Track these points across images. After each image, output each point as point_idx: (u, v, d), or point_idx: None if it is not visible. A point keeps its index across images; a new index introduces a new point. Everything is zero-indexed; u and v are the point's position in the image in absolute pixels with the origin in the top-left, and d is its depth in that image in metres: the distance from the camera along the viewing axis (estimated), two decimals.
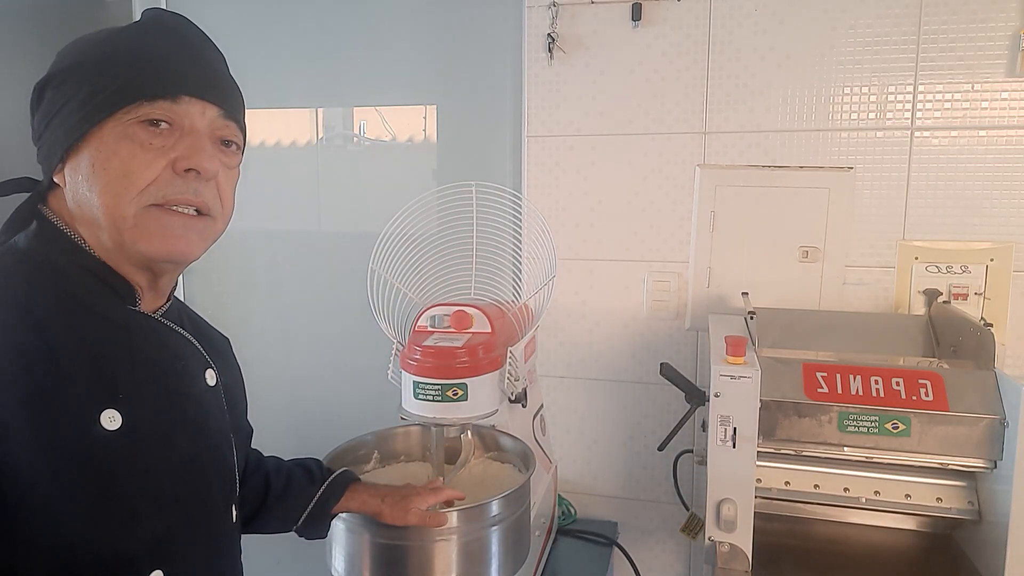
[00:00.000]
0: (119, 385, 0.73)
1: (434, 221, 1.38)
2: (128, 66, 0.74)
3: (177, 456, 0.78)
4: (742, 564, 1.16)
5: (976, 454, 1.15)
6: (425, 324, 1.28)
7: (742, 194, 1.60)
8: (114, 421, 0.70)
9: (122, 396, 0.72)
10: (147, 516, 0.74)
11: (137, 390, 0.74)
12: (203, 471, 0.82)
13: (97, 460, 0.70)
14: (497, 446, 1.36)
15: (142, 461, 0.73)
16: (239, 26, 1.97)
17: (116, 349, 0.74)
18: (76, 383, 0.69)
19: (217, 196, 0.79)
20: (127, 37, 0.76)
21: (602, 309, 1.73)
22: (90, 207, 0.74)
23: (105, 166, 0.73)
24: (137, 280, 0.79)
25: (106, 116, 0.73)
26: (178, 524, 0.77)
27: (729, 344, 1.17)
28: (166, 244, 0.75)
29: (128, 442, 0.71)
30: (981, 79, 1.46)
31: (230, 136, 0.81)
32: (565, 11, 1.65)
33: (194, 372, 0.83)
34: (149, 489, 0.74)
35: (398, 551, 1.11)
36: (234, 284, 2.10)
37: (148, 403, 0.75)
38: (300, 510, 1.08)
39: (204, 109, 0.77)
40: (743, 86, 1.58)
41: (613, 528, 1.72)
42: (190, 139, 0.75)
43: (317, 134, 1.98)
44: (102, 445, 0.70)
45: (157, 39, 0.77)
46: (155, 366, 0.78)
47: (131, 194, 0.73)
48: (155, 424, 0.75)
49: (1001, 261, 1.48)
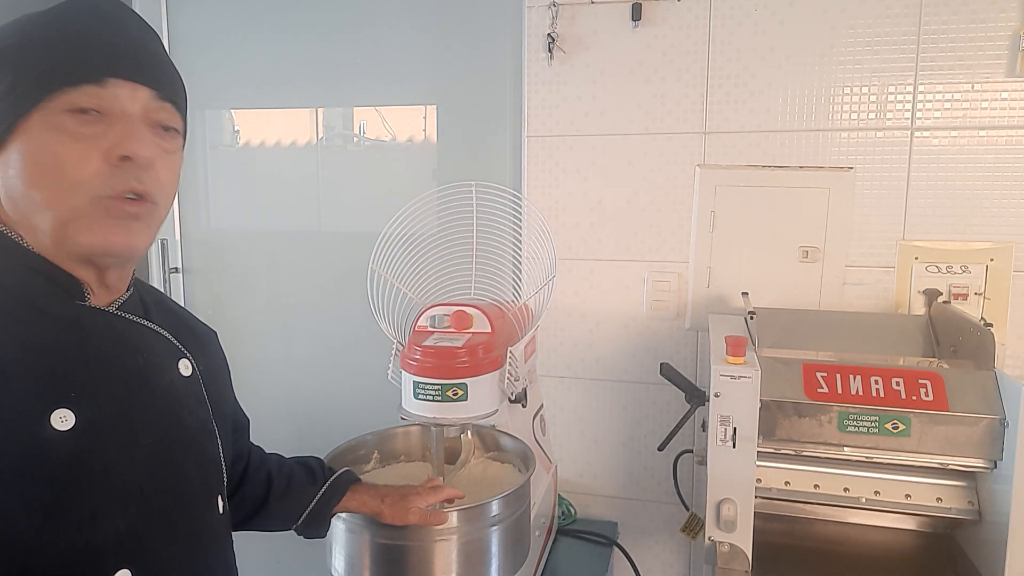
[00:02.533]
0: (71, 383, 0.70)
1: (434, 221, 1.38)
2: (49, 50, 0.70)
3: (143, 451, 0.75)
4: (742, 564, 1.16)
5: (976, 454, 1.15)
6: (425, 324, 1.28)
7: (742, 194, 1.60)
8: (66, 421, 0.68)
9: (74, 395, 0.70)
10: (109, 514, 0.71)
11: (92, 387, 0.72)
12: (176, 464, 0.79)
13: (49, 461, 0.67)
14: (497, 446, 1.36)
15: (101, 459, 0.71)
16: (239, 26, 1.97)
17: (66, 347, 0.72)
18: (21, 384, 0.67)
19: (158, 183, 0.75)
20: (48, 21, 0.72)
21: (602, 309, 1.73)
22: (27, 203, 0.71)
23: (37, 161, 0.69)
24: (83, 276, 0.75)
25: (31, 107, 0.69)
26: (147, 520, 0.74)
27: (729, 344, 1.17)
28: (108, 237, 0.72)
29: (83, 441, 0.69)
30: (981, 79, 1.46)
31: (166, 119, 0.76)
32: (565, 11, 1.65)
33: (162, 363, 0.81)
34: (110, 487, 0.72)
35: (398, 551, 1.11)
36: (234, 284, 2.10)
37: (105, 400, 0.73)
38: (301, 509, 1.08)
39: (135, 92, 0.72)
40: (743, 86, 1.58)
41: (613, 528, 1.72)
42: (121, 125, 0.71)
43: (317, 134, 1.98)
44: (53, 446, 0.68)
45: (80, 20, 0.72)
46: (112, 360, 0.75)
47: (70, 188, 0.70)
48: (114, 421, 0.73)
49: (1001, 261, 1.48)
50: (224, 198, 2.07)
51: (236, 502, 1.03)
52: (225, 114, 2.03)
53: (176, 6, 2.01)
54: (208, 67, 1.98)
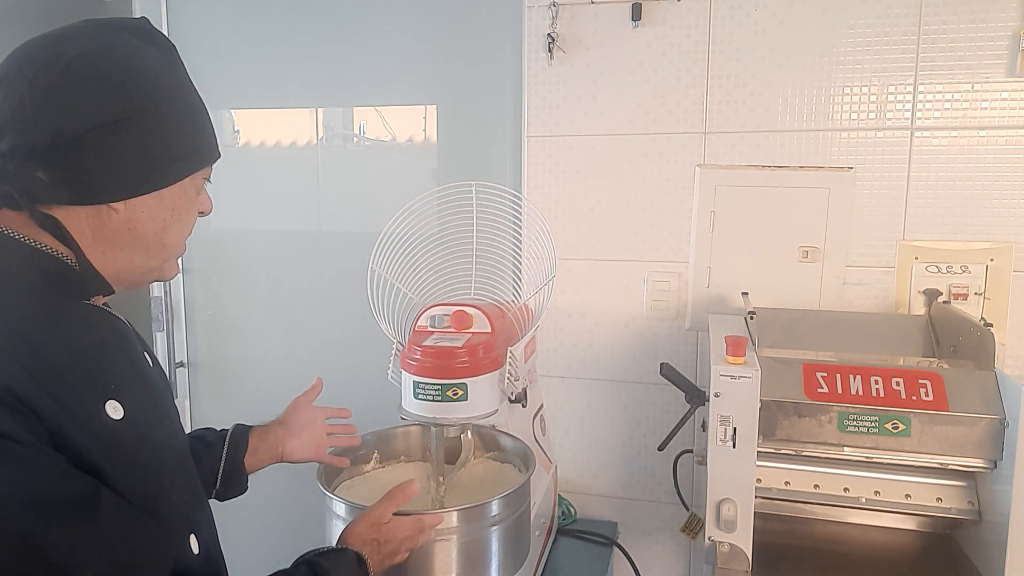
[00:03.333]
0: (109, 377, 0.75)
1: (434, 221, 1.38)
2: (199, 127, 0.83)
3: (165, 433, 0.82)
4: (742, 564, 1.16)
5: (976, 454, 1.15)
6: (425, 324, 1.28)
7: (742, 194, 1.60)
8: (117, 411, 0.72)
9: (114, 387, 0.74)
10: (171, 489, 0.78)
11: (124, 379, 0.77)
12: (182, 441, 0.87)
13: (120, 449, 0.72)
14: (497, 446, 1.36)
15: (151, 443, 0.76)
16: (239, 26, 1.97)
17: (93, 344, 0.76)
18: (75, 382, 0.71)
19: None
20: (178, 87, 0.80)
21: (602, 309, 1.73)
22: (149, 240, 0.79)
23: (177, 209, 0.81)
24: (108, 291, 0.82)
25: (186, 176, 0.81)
26: (186, 493, 0.82)
27: (729, 344, 1.17)
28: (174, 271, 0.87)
29: (134, 428, 0.74)
30: (981, 79, 1.46)
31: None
32: (565, 11, 1.65)
33: (142, 355, 0.86)
34: (163, 468, 0.78)
35: None
36: (234, 284, 2.10)
37: (133, 390, 0.77)
38: (213, 474, 1.10)
39: None
40: (743, 86, 1.58)
41: (613, 528, 1.72)
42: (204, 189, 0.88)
43: (317, 134, 1.98)
44: (117, 434, 0.72)
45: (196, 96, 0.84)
46: (123, 354, 0.80)
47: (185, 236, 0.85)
48: (144, 408, 0.78)
49: (1001, 261, 1.48)
50: (224, 198, 2.05)
51: None
52: (225, 114, 2.03)
53: (176, 6, 2.01)
54: (208, 67, 1.97)
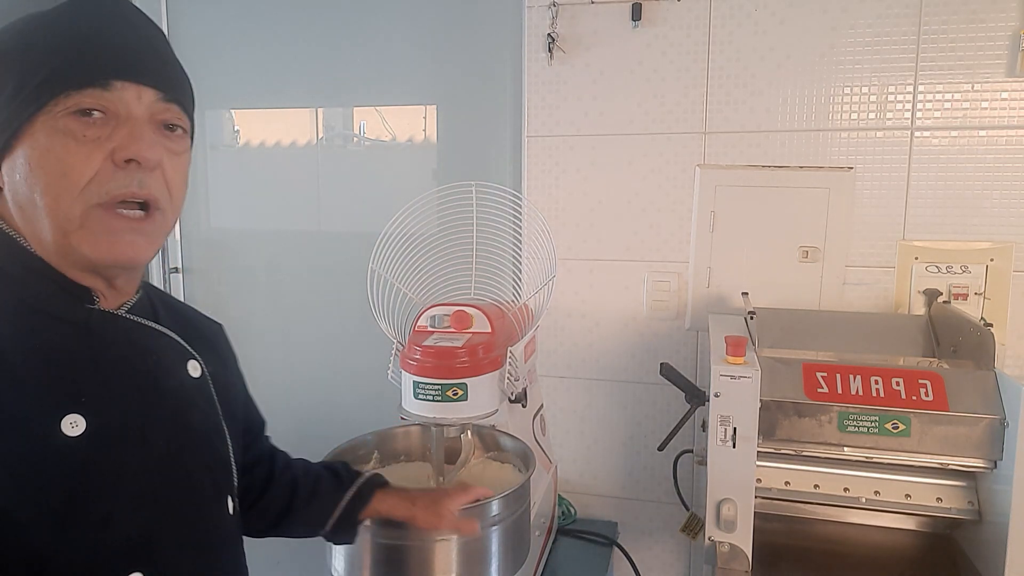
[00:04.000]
0: (81, 388, 0.70)
1: (434, 221, 1.38)
2: (52, 53, 0.68)
3: (153, 454, 0.75)
4: (742, 564, 1.16)
5: (976, 454, 1.15)
6: (425, 324, 1.27)
7: (742, 194, 1.60)
8: (76, 427, 0.68)
9: (85, 399, 0.70)
10: (121, 519, 0.71)
11: (103, 391, 0.72)
12: (186, 466, 0.79)
13: (61, 467, 0.67)
14: (497, 446, 1.36)
15: (112, 463, 0.71)
16: (239, 26, 1.97)
17: (76, 351, 0.72)
18: (31, 391, 0.67)
19: (164, 186, 0.74)
20: (51, 21, 0.70)
21: (602, 309, 1.73)
22: (32, 209, 0.70)
23: (41, 164, 0.68)
24: (90, 282, 0.75)
25: (35, 110, 0.68)
26: (157, 523, 0.74)
27: (729, 344, 1.17)
28: (112, 249, 0.71)
29: (94, 446, 0.69)
30: (981, 79, 1.46)
31: (173, 120, 0.75)
32: (565, 11, 1.65)
33: (171, 365, 0.80)
34: (122, 491, 0.72)
35: (398, 551, 1.11)
36: (234, 284, 2.10)
37: (116, 404, 0.73)
38: (328, 516, 1.05)
39: (140, 93, 0.71)
40: (743, 86, 1.58)
41: (613, 528, 1.72)
42: (127, 127, 0.70)
43: (317, 134, 1.98)
44: (65, 452, 0.67)
45: (84, 20, 0.71)
46: (123, 364, 0.75)
47: (72, 193, 0.68)
48: (125, 424, 0.73)
49: (1001, 261, 1.48)
50: (224, 198, 2.07)
51: (261, 508, 1.03)
52: (225, 114, 2.03)
53: (176, 6, 2.01)
54: (208, 67, 1.97)
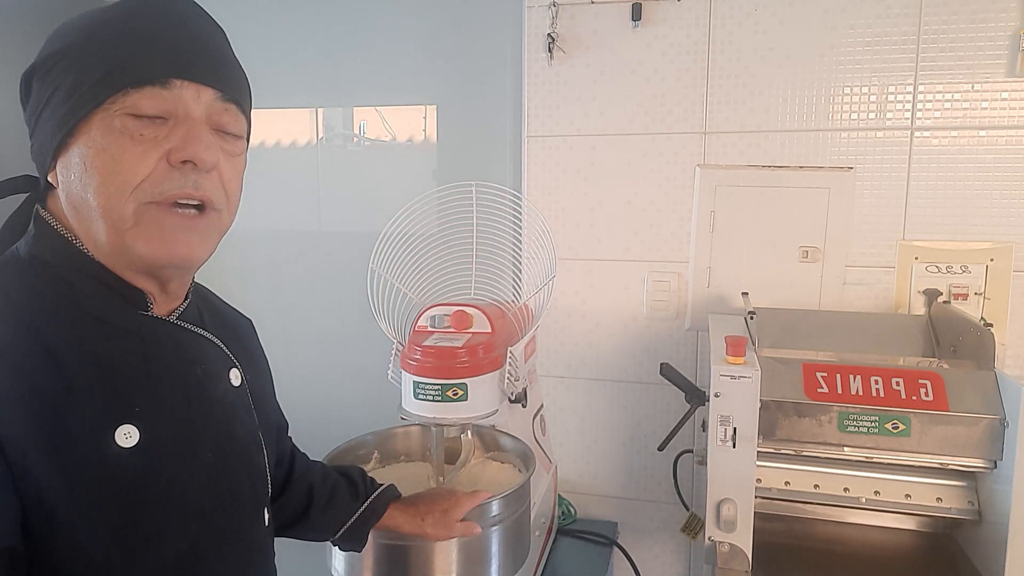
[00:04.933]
0: (135, 398, 0.69)
1: (434, 221, 1.38)
2: (112, 50, 0.67)
3: (202, 466, 0.74)
4: (742, 564, 1.16)
5: (976, 454, 1.15)
6: (425, 324, 1.27)
7: (742, 194, 1.60)
8: (130, 438, 0.67)
9: (138, 410, 0.68)
10: (172, 532, 0.70)
11: (154, 402, 0.70)
12: (230, 479, 0.78)
13: (115, 480, 0.66)
14: (497, 446, 1.36)
15: (163, 476, 0.70)
16: (240, 26, 1.96)
17: (130, 360, 0.70)
18: (86, 400, 0.66)
19: (221, 187, 0.73)
20: (111, 18, 0.69)
21: (602, 309, 1.73)
22: (86, 208, 0.68)
23: (95, 163, 0.67)
24: (144, 285, 0.73)
25: (93, 108, 0.67)
26: (205, 537, 0.73)
27: (729, 344, 1.17)
28: (167, 247, 0.69)
29: (147, 458, 0.68)
30: (981, 79, 1.46)
31: (231, 122, 0.74)
32: (565, 11, 1.65)
33: (217, 374, 0.79)
34: (173, 504, 0.70)
35: (398, 551, 1.11)
36: (234, 284, 2.09)
37: (167, 414, 0.71)
38: (340, 524, 1.06)
39: (199, 93, 0.70)
40: (743, 86, 1.58)
41: (613, 528, 1.72)
42: (185, 127, 0.69)
43: (317, 134, 1.98)
44: (119, 463, 0.66)
45: (144, 18, 0.70)
46: (174, 374, 0.74)
47: (125, 192, 0.67)
48: (176, 436, 0.72)
49: (1001, 261, 1.48)
50: None
51: (276, 509, 1.02)
52: None
53: None
54: None
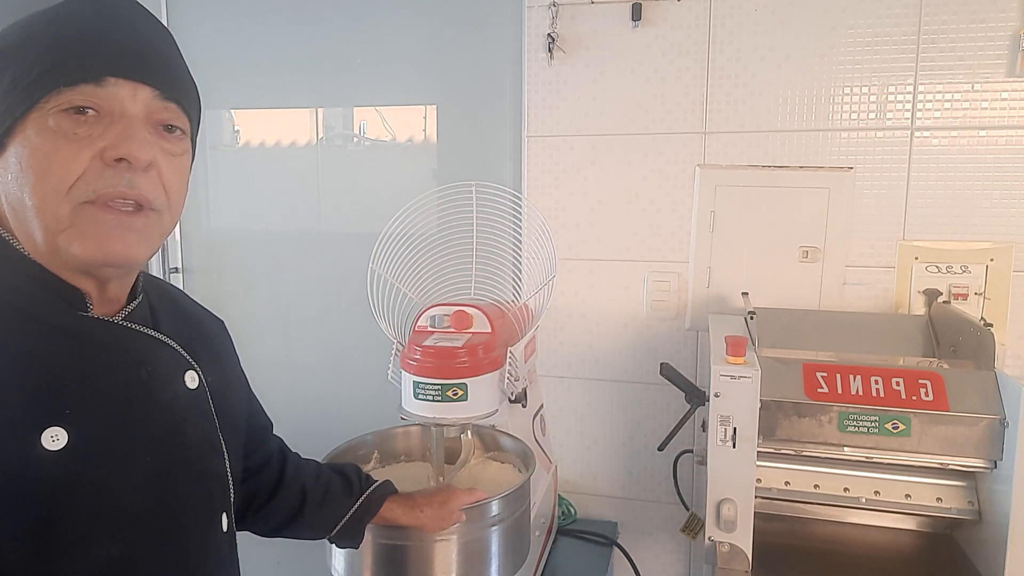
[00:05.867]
0: (66, 400, 0.66)
1: (434, 221, 1.38)
2: (46, 50, 0.66)
3: (140, 470, 0.71)
4: (742, 564, 1.16)
5: (976, 454, 1.15)
6: (425, 324, 1.27)
7: (742, 194, 1.60)
8: (57, 440, 0.64)
9: (69, 412, 0.66)
10: (99, 539, 0.67)
11: (89, 404, 0.68)
12: (176, 483, 0.75)
13: (38, 483, 0.64)
14: (497, 446, 1.36)
15: (93, 480, 0.67)
16: (239, 25, 1.97)
17: (63, 360, 0.68)
18: (13, 400, 0.64)
19: (160, 187, 0.71)
20: (50, 19, 0.68)
21: (602, 309, 1.73)
22: (22, 208, 0.67)
23: (30, 163, 0.66)
24: (82, 285, 0.71)
25: (28, 107, 0.65)
26: (141, 543, 0.71)
27: (729, 344, 1.17)
28: (101, 247, 0.67)
29: (75, 461, 0.65)
30: (981, 79, 1.46)
31: (170, 120, 0.72)
32: (565, 11, 1.65)
33: (167, 377, 0.76)
34: (103, 509, 0.68)
35: (398, 551, 1.11)
36: (234, 284, 2.10)
37: (103, 417, 0.69)
38: (335, 521, 1.06)
39: (135, 91, 0.68)
40: (743, 86, 1.58)
41: (613, 528, 1.72)
42: (120, 126, 0.67)
43: (317, 134, 1.98)
44: (43, 466, 0.64)
45: (81, 17, 0.69)
46: (113, 375, 0.71)
47: (60, 191, 0.65)
48: (111, 438, 0.69)
49: (1001, 261, 1.48)
50: (224, 198, 2.07)
51: (268, 512, 1.03)
52: (225, 114, 2.03)
53: (176, 5, 2.01)
54: (208, 67, 1.97)
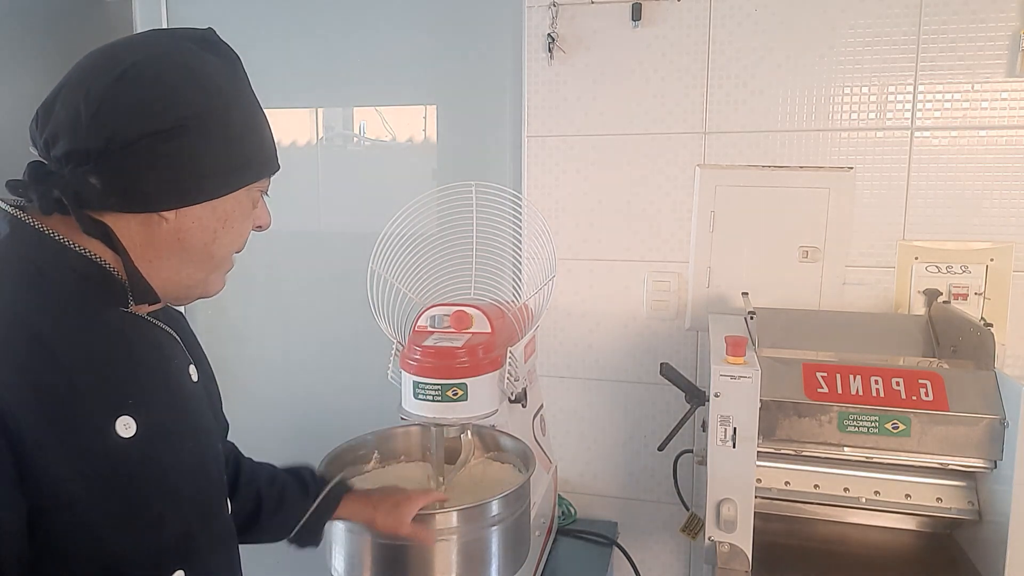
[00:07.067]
0: (127, 391, 0.72)
1: (434, 221, 1.38)
2: (256, 138, 0.80)
3: (185, 455, 0.78)
4: (742, 564, 1.16)
5: (976, 454, 1.15)
6: (425, 324, 1.28)
7: (742, 194, 1.60)
8: (128, 428, 0.70)
9: (131, 402, 0.72)
10: (170, 518, 0.75)
11: (143, 394, 0.74)
12: (207, 466, 0.83)
13: (120, 470, 0.70)
14: (497, 446, 1.36)
15: (158, 465, 0.74)
16: (239, 26, 1.97)
17: (118, 354, 0.74)
18: (88, 395, 0.69)
19: None
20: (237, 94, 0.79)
21: (602, 309, 1.73)
22: (199, 254, 0.77)
23: (229, 221, 0.78)
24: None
25: (239, 187, 0.77)
26: (195, 521, 0.78)
27: (729, 344, 1.17)
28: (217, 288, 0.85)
29: (144, 447, 0.72)
30: (981, 79, 1.46)
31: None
32: (565, 11, 1.65)
33: (182, 369, 0.83)
34: (168, 492, 0.75)
35: (398, 551, 1.11)
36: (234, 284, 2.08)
37: (155, 406, 0.75)
38: (293, 524, 1.07)
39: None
40: (743, 86, 1.58)
41: (613, 528, 1.72)
42: (262, 204, 0.84)
43: (317, 134, 1.98)
44: (121, 453, 0.70)
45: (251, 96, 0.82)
46: (155, 368, 0.78)
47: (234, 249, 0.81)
48: (164, 427, 0.75)
49: (1001, 261, 1.48)
50: None
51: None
52: None
53: (176, 6, 2.01)
54: None
